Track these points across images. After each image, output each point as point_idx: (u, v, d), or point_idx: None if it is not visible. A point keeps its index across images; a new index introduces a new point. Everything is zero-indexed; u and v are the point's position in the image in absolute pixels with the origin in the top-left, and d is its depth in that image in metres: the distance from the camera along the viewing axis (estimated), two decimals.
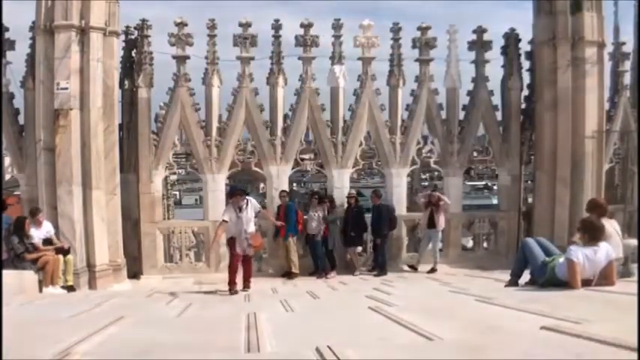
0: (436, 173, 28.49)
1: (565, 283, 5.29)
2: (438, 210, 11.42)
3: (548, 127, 11.61)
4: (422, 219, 11.80)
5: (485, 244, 12.77)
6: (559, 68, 11.38)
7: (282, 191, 11.72)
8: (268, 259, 11.73)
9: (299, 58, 11.97)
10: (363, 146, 12.24)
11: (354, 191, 12.14)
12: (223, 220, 8.33)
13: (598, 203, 7.04)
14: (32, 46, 10.47)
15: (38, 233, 9.12)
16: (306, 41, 11.88)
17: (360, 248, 12.29)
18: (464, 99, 12.40)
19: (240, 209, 8.25)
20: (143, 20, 11.61)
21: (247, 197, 8.57)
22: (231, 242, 8.42)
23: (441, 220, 11.45)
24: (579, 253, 5.28)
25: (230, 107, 11.77)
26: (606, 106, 12.23)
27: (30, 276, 8.55)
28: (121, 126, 11.29)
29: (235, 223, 8.24)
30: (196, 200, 37.51)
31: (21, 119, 10.91)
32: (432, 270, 11.38)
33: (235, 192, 8.66)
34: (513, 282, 6.48)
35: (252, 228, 8.43)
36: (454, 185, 12.59)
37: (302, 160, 12.28)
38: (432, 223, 11.44)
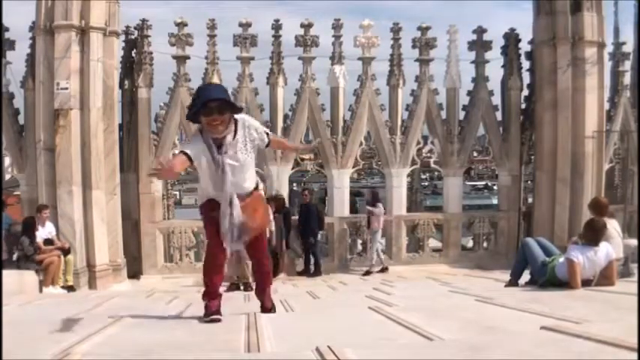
0: (436, 173, 28.60)
1: (565, 283, 5.28)
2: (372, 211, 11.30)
3: (548, 127, 11.61)
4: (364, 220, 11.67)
5: (485, 244, 12.77)
6: (559, 68, 11.39)
7: None
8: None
9: (299, 58, 11.98)
10: (363, 146, 12.24)
11: (283, 194, 11.32)
12: (181, 152, 3.74)
13: (600, 203, 7.03)
14: (32, 46, 10.46)
15: (41, 232, 9.13)
16: (306, 41, 11.89)
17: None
18: (464, 99, 12.45)
19: (221, 146, 3.78)
20: (143, 20, 11.63)
21: (238, 116, 3.90)
22: (207, 210, 4.00)
23: (374, 222, 11.20)
24: (579, 253, 5.28)
25: None
26: (606, 106, 12.23)
27: (30, 276, 8.55)
28: (121, 126, 11.29)
29: (212, 171, 3.84)
30: (196, 200, 37.51)
31: (21, 119, 10.91)
32: (376, 270, 11.25)
33: (206, 101, 3.71)
34: (513, 282, 6.48)
35: (249, 185, 4.00)
36: (454, 185, 12.59)
37: (302, 160, 12.27)
38: (368, 224, 11.34)
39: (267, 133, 4.15)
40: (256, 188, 4.10)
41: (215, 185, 3.89)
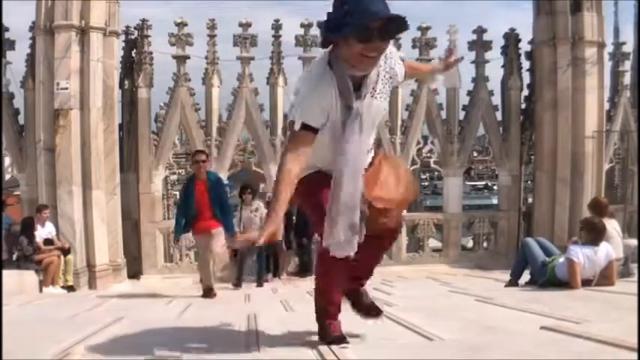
0: (436, 173, 28.58)
1: (565, 283, 5.28)
2: None
3: (548, 127, 11.61)
4: None
5: (485, 244, 12.77)
6: (559, 68, 11.38)
7: (199, 152, 7.53)
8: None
9: (299, 58, 11.97)
10: None
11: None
12: (304, 128, 2.35)
13: (600, 203, 7.03)
14: (32, 46, 10.45)
15: (41, 232, 9.14)
16: (306, 41, 11.88)
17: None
18: (464, 99, 12.44)
19: (359, 87, 2.42)
20: (143, 20, 11.63)
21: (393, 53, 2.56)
22: (318, 188, 2.54)
23: None
24: (579, 253, 5.28)
25: (230, 107, 11.78)
26: (606, 106, 12.22)
27: (30, 276, 8.56)
28: (121, 126, 11.28)
29: (339, 127, 2.41)
30: None
31: (21, 119, 10.91)
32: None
33: (373, 19, 2.21)
34: (513, 282, 6.48)
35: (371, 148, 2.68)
36: (454, 185, 12.58)
37: None
38: None
39: (403, 60, 2.72)
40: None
41: (337, 149, 2.44)
